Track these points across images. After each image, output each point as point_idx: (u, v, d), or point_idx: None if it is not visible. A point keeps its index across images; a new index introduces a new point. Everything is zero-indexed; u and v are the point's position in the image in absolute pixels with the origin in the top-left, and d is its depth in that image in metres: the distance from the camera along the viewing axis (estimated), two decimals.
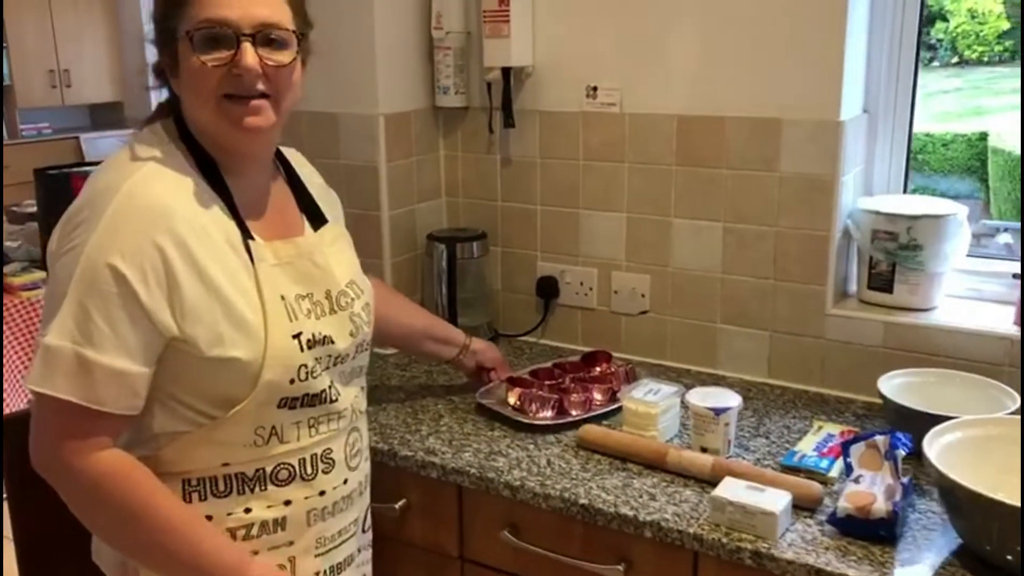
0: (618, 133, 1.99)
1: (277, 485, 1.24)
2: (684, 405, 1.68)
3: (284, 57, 1.19)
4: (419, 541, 1.69)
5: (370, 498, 1.45)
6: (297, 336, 1.20)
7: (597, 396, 1.80)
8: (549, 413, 1.74)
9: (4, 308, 3.13)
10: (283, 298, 1.21)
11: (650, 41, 1.91)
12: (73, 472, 1.13)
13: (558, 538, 1.52)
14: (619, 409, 1.74)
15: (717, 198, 1.90)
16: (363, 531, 1.42)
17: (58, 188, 3.34)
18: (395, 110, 2.04)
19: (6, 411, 3.07)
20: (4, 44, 6.86)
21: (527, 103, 2.07)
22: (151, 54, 1.25)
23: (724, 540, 1.35)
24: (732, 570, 1.36)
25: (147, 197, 1.13)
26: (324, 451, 1.28)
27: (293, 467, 1.25)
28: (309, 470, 1.27)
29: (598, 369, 1.92)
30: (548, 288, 2.14)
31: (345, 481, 1.32)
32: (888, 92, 1.89)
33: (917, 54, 1.87)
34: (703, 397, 1.60)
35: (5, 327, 3.14)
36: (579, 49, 2.00)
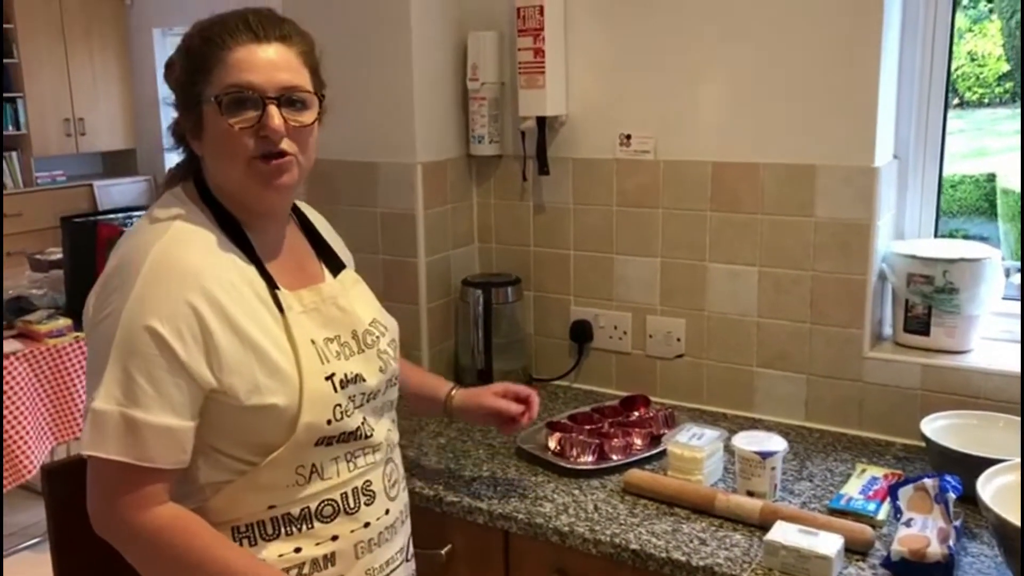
0: (652, 179, 2.02)
1: (323, 522, 1.27)
2: (727, 449, 1.69)
3: (306, 118, 1.25)
4: None
5: (411, 528, 1.47)
6: (330, 377, 1.24)
7: (637, 441, 1.81)
8: (590, 458, 1.75)
9: (31, 355, 3.15)
10: (313, 342, 1.25)
11: (683, 90, 1.95)
12: (134, 529, 1.16)
13: None
14: (660, 454, 1.75)
15: (753, 242, 1.93)
16: (407, 559, 1.44)
17: (84, 236, 3.38)
18: (431, 159, 2.08)
19: (30, 459, 3.08)
20: (21, 94, 6.97)
21: (561, 151, 2.11)
22: (166, 112, 1.31)
23: None
24: None
25: (176, 259, 1.18)
26: (364, 484, 1.32)
27: (336, 502, 1.28)
28: (352, 503, 1.30)
29: (636, 414, 1.93)
30: (582, 332, 2.16)
31: (387, 511, 1.36)
32: (918, 138, 1.92)
33: (946, 101, 1.91)
34: (749, 441, 1.61)
35: (32, 374, 3.15)
36: (612, 98, 2.04)
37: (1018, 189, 5.89)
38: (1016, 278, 3.50)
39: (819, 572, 1.35)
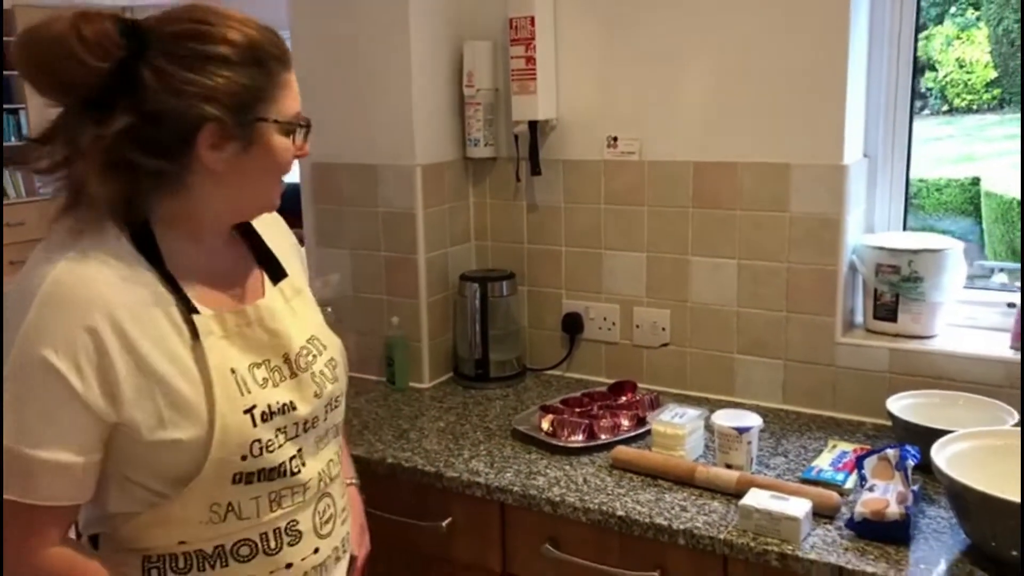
0: (637, 179, 2.15)
1: (239, 561, 1.19)
2: (707, 428, 1.81)
3: None
4: (464, 558, 1.80)
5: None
6: (250, 410, 1.15)
7: (624, 422, 1.94)
8: (580, 437, 1.87)
9: None
10: (233, 371, 1.15)
11: (666, 95, 2.09)
12: (31, 571, 1.10)
13: (596, 549, 1.64)
14: (645, 434, 1.88)
15: (732, 237, 2.06)
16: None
17: None
18: (430, 161, 2.21)
19: None
20: (23, 105, 7.10)
21: (552, 153, 2.24)
22: None
23: (752, 544, 1.48)
24: (760, 572, 1.48)
25: (77, 281, 1.07)
26: (288, 524, 1.22)
27: (255, 543, 1.20)
28: (273, 544, 1.21)
29: (624, 398, 2.06)
30: (573, 324, 2.28)
31: (316, 550, 1.26)
32: (886, 137, 2.05)
33: (912, 101, 2.04)
34: (727, 418, 1.74)
35: None
36: (600, 103, 2.17)
37: (1001, 192, 6.03)
38: (998, 277, 3.63)
39: (789, 532, 1.47)
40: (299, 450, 1.22)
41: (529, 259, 2.33)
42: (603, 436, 1.88)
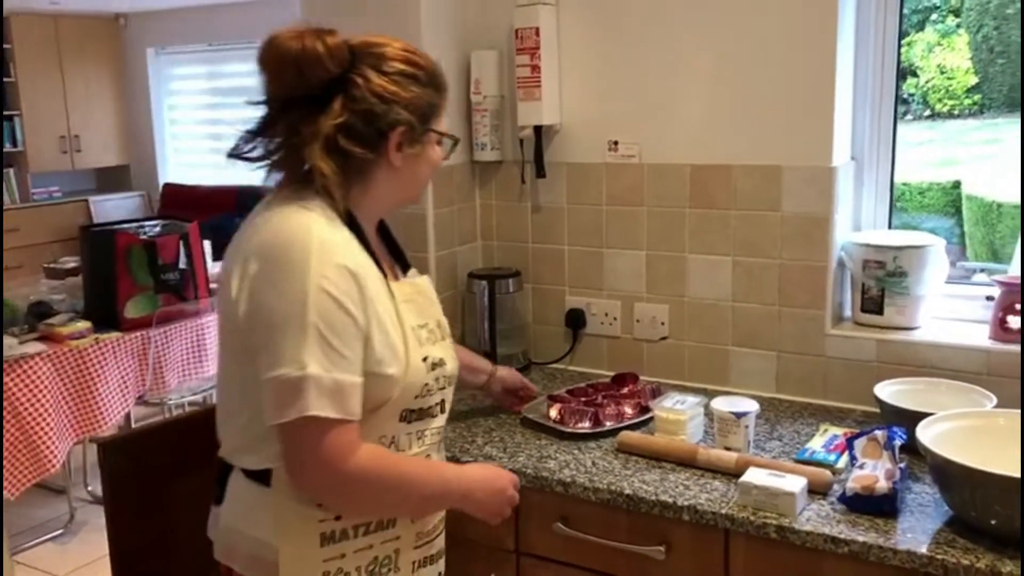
0: (637, 181, 2.27)
1: None
2: (706, 414, 1.93)
3: None
4: (479, 538, 1.91)
5: None
6: (426, 359, 1.42)
7: (627, 410, 2.05)
8: (587, 424, 1.98)
9: (54, 356, 3.35)
10: (413, 328, 1.42)
11: (664, 102, 2.21)
12: (347, 475, 1.30)
13: (605, 527, 1.75)
14: (647, 420, 2.00)
15: (727, 235, 2.18)
16: (443, 530, 1.60)
17: (103, 244, 3.58)
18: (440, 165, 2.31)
19: (54, 454, 3.27)
20: (18, 112, 7.16)
21: (555, 156, 2.36)
22: (159, 129, 1.48)
23: (752, 518, 1.59)
24: (759, 543, 1.60)
25: (334, 240, 1.32)
26: (426, 457, 1.49)
27: None
28: None
29: (626, 388, 2.17)
30: (576, 319, 2.40)
31: None
32: (872, 142, 2.18)
33: (895, 109, 2.17)
34: (725, 404, 1.86)
35: (55, 374, 3.35)
36: (601, 109, 2.29)
37: (982, 195, 6.18)
38: (979, 278, 3.78)
39: (785, 507, 1.59)
40: (443, 400, 1.49)
41: (534, 258, 2.45)
42: (608, 423, 1.99)
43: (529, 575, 1.88)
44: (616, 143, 2.28)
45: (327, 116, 1.34)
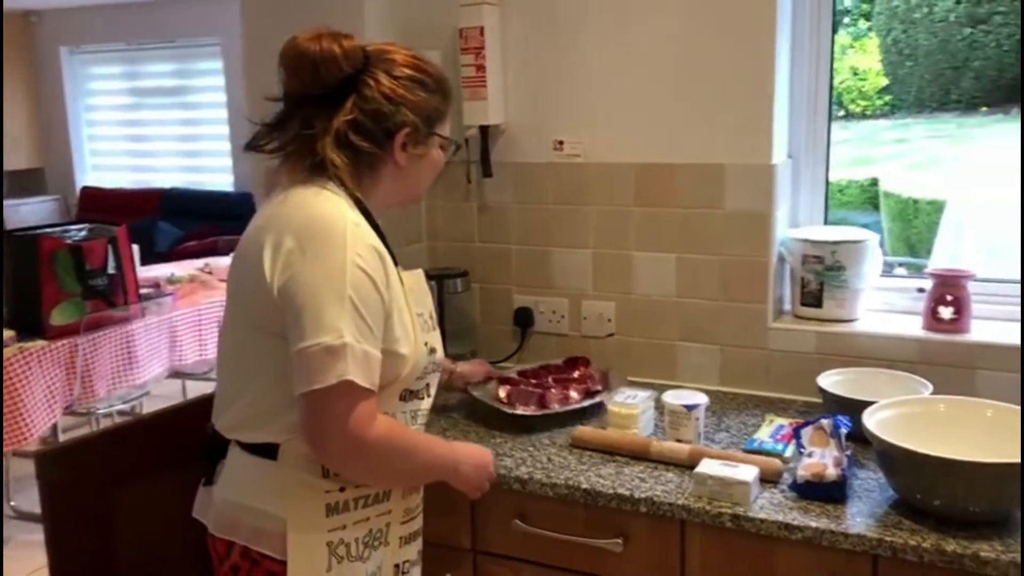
0: (582, 180, 2.30)
1: None
2: (657, 408, 1.96)
3: None
4: (434, 538, 1.90)
5: None
6: (426, 343, 1.52)
7: (573, 394, 2.08)
8: (532, 407, 2.01)
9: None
10: (415, 315, 1.52)
11: (608, 102, 2.24)
12: (368, 444, 1.37)
13: (563, 521, 1.78)
14: (594, 406, 2.04)
15: (671, 233, 2.22)
16: (423, 509, 1.68)
17: (27, 249, 3.46)
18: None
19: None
20: None
21: (501, 156, 2.37)
22: (75, 130, 1.47)
23: (707, 508, 1.63)
24: (715, 532, 1.64)
25: (361, 223, 1.42)
26: None
27: None
28: None
29: (577, 372, 2.20)
30: (524, 318, 2.42)
31: None
32: (808, 141, 2.25)
33: (830, 110, 2.24)
34: (676, 397, 1.90)
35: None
36: (546, 109, 2.31)
37: (898, 192, 6.41)
38: (899, 271, 3.91)
39: (740, 495, 1.63)
40: (429, 384, 1.58)
41: (481, 257, 2.46)
42: (554, 406, 2.02)
43: (486, 574, 1.89)
44: (561, 143, 2.30)
45: (339, 113, 1.45)
